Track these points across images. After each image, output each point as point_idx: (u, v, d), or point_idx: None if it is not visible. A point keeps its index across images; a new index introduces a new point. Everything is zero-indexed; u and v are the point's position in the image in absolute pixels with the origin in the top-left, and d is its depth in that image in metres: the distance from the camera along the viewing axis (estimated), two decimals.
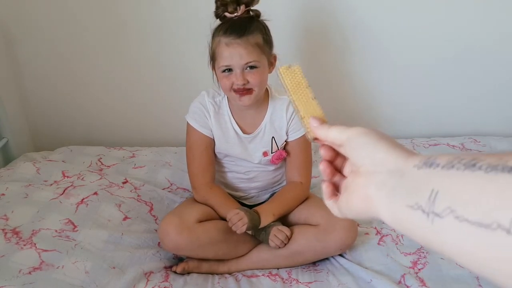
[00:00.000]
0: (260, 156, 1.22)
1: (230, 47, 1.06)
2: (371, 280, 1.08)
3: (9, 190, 1.28)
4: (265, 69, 1.12)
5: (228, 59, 1.07)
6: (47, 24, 1.61)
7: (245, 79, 1.08)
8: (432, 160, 0.33)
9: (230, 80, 1.09)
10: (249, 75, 1.08)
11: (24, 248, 1.07)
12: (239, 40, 1.06)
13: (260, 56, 1.09)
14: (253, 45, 1.07)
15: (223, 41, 1.07)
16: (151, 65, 1.69)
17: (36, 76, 1.70)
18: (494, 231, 0.26)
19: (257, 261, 1.17)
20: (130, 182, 1.43)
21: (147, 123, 1.80)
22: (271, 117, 1.21)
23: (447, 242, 0.30)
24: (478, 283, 1.07)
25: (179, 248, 1.12)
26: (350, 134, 0.44)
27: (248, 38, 1.06)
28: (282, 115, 1.21)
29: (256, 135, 1.21)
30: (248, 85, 1.09)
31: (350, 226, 1.15)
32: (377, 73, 1.72)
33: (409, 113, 1.80)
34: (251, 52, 1.07)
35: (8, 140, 1.59)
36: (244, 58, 1.06)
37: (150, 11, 1.59)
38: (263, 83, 1.13)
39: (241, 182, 1.29)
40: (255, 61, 1.08)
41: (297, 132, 1.21)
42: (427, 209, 0.31)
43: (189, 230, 1.10)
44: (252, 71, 1.09)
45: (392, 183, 0.37)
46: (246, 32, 1.06)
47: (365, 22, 1.62)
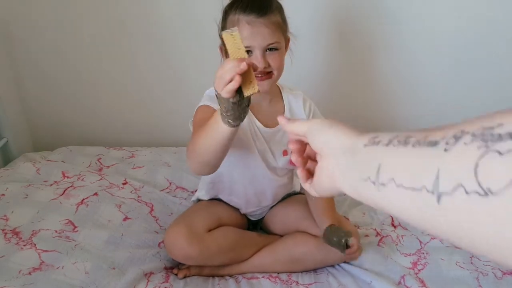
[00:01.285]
0: (280, 155, 1.13)
1: (253, 26, 0.96)
2: (371, 281, 1.08)
3: (9, 190, 1.28)
4: (284, 52, 1.04)
5: (250, 40, 0.96)
6: (47, 24, 1.61)
7: (266, 61, 0.98)
8: (376, 139, 0.41)
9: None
10: (270, 58, 0.99)
11: (24, 248, 1.07)
12: (262, 19, 0.96)
13: (280, 37, 1.01)
14: (275, 24, 0.99)
15: (244, 20, 0.96)
16: (151, 65, 1.69)
17: (36, 76, 1.70)
18: (422, 192, 0.32)
19: (258, 266, 1.16)
20: (130, 183, 1.43)
21: (146, 123, 1.80)
22: (290, 112, 1.13)
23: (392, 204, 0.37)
24: (478, 283, 1.07)
25: (189, 259, 1.08)
26: (309, 124, 0.53)
27: (270, 17, 0.98)
28: (300, 111, 1.14)
29: (278, 130, 1.11)
30: (269, 69, 1.00)
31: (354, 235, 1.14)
32: (377, 73, 1.72)
33: (409, 113, 1.80)
34: (273, 32, 0.98)
35: (8, 140, 1.59)
36: (267, 39, 0.97)
37: (150, 11, 1.59)
38: (282, 67, 1.04)
39: (251, 202, 1.22)
40: (277, 42, 0.99)
41: None
42: (375, 180, 0.38)
43: (200, 241, 1.06)
44: (273, 53, 0.99)
45: (346, 161, 0.45)
46: (268, 10, 0.98)
47: (369, 24, 1.63)
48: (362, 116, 1.79)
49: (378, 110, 1.79)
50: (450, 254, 1.17)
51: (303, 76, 1.62)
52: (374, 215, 1.34)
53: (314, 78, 1.71)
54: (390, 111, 1.80)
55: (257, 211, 1.27)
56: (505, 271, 1.11)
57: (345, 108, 1.78)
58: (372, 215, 1.34)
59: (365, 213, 1.35)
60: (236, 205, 1.25)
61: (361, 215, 1.34)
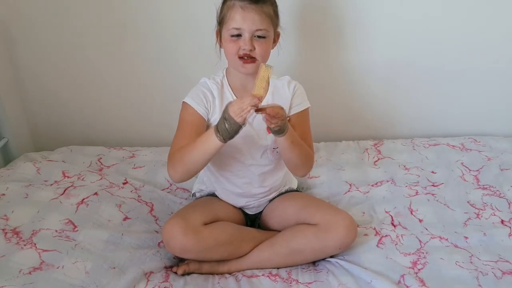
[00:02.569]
0: (265, 132, 1.16)
1: (245, 11, 1.07)
2: (371, 280, 1.08)
3: (9, 190, 1.28)
4: (271, 42, 1.14)
5: (240, 22, 1.08)
6: (47, 24, 1.61)
7: (252, 45, 1.09)
8: None
9: (237, 44, 1.09)
10: (256, 43, 1.10)
11: (24, 248, 1.07)
12: (254, 5, 1.07)
13: (269, 27, 1.11)
14: (266, 14, 1.09)
15: (238, 4, 1.08)
16: (151, 65, 1.69)
17: (36, 76, 1.70)
18: None
19: (257, 261, 1.17)
20: (130, 182, 1.43)
21: (146, 123, 1.80)
22: (273, 94, 1.21)
23: None
24: (477, 283, 1.07)
25: (185, 251, 1.10)
26: None
27: (263, 6, 1.09)
28: (285, 91, 1.22)
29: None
30: (253, 53, 1.10)
31: (350, 225, 1.14)
32: (377, 73, 1.72)
33: (409, 113, 1.80)
34: (263, 20, 1.09)
35: (8, 140, 1.59)
36: (256, 24, 1.08)
37: (150, 12, 1.59)
38: (267, 55, 1.14)
39: (243, 187, 1.26)
40: (265, 29, 1.09)
41: (300, 105, 1.21)
42: None
43: (195, 232, 1.09)
44: (260, 40, 1.10)
45: None
46: (261, 0, 1.08)
47: (366, 20, 1.63)
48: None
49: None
50: (450, 254, 1.17)
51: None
52: (374, 214, 1.34)
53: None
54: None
55: (252, 203, 1.29)
56: (505, 270, 1.11)
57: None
58: (371, 214, 1.34)
59: (364, 212, 1.35)
60: (231, 199, 1.28)
61: (360, 214, 1.34)
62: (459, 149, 1.66)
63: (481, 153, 1.63)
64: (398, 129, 1.82)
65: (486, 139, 1.72)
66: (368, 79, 1.73)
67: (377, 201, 1.40)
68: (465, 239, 1.23)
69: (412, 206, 1.37)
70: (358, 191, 1.46)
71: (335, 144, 1.73)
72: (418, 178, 1.51)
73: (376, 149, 1.68)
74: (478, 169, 1.54)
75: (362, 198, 1.43)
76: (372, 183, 1.49)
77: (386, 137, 1.78)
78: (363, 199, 1.42)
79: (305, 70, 1.68)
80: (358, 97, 1.77)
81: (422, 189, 1.45)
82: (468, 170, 1.54)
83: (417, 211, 1.35)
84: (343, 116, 1.80)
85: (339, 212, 1.18)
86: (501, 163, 1.56)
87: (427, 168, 1.56)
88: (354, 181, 1.51)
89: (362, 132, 1.82)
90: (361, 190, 1.46)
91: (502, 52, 1.68)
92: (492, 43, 1.66)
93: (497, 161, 1.57)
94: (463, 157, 1.60)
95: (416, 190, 1.45)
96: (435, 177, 1.51)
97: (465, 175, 1.51)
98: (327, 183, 1.50)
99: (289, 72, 1.64)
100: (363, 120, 1.81)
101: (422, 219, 1.32)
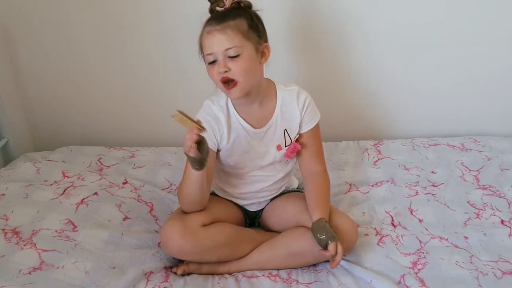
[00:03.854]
0: (275, 151, 1.20)
1: (210, 35, 1.05)
2: (371, 280, 1.08)
3: (9, 190, 1.28)
4: (250, 58, 1.07)
5: (209, 47, 1.05)
6: (47, 24, 1.61)
7: (226, 66, 1.04)
8: None
9: (216, 70, 1.06)
10: (231, 63, 1.05)
11: (24, 248, 1.07)
12: (218, 26, 1.04)
13: (242, 43, 1.05)
14: (233, 30, 1.04)
15: (205, 31, 1.06)
16: (151, 65, 1.69)
17: (36, 76, 1.70)
18: None
19: (257, 262, 1.17)
20: (130, 182, 1.43)
21: (147, 123, 1.80)
22: (282, 109, 1.19)
23: None
24: (478, 283, 1.07)
25: (183, 252, 1.10)
26: None
27: (229, 24, 1.04)
28: (293, 106, 1.19)
29: (268, 129, 1.18)
30: (230, 74, 1.05)
31: (351, 230, 1.14)
32: (377, 73, 1.72)
33: (409, 113, 1.80)
34: (230, 37, 1.03)
35: (8, 140, 1.59)
36: (224, 44, 1.03)
37: (150, 12, 1.59)
38: (250, 73, 1.07)
39: (246, 193, 1.27)
40: (236, 47, 1.04)
41: (312, 121, 1.21)
42: None
43: (193, 234, 1.08)
44: (234, 59, 1.05)
45: None
46: (226, 18, 1.04)
47: (365, 20, 1.63)
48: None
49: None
50: (450, 254, 1.17)
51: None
52: (374, 214, 1.34)
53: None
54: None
55: (255, 201, 1.30)
56: (505, 270, 1.11)
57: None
58: (371, 214, 1.34)
59: (364, 212, 1.35)
60: (233, 199, 1.29)
61: (360, 214, 1.34)
62: (459, 149, 1.66)
63: (481, 153, 1.63)
64: (398, 129, 1.82)
65: (486, 139, 1.72)
66: (368, 79, 1.73)
67: (377, 201, 1.40)
68: (465, 239, 1.23)
69: (412, 206, 1.37)
70: (358, 191, 1.46)
71: (335, 144, 1.73)
72: (418, 178, 1.51)
73: (376, 149, 1.68)
74: (478, 169, 1.54)
75: (362, 198, 1.43)
76: (372, 183, 1.49)
77: (386, 137, 1.78)
78: (363, 199, 1.42)
79: (305, 71, 1.69)
80: (358, 97, 1.77)
81: (422, 189, 1.45)
82: (468, 170, 1.54)
83: (417, 211, 1.35)
84: (343, 116, 1.80)
85: (341, 216, 1.17)
86: (501, 163, 1.56)
87: (427, 168, 1.56)
88: (354, 181, 1.51)
89: (362, 132, 1.82)
90: (361, 190, 1.46)
91: (502, 52, 1.68)
92: (492, 43, 1.66)
93: (497, 161, 1.57)
94: (463, 157, 1.60)
95: (416, 190, 1.45)
96: (435, 177, 1.51)
97: (465, 175, 1.51)
98: None
99: (290, 73, 1.64)
100: (363, 120, 1.81)
101: (422, 219, 1.32)
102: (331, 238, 1.06)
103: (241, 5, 1.09)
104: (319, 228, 1.08)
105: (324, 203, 1.17)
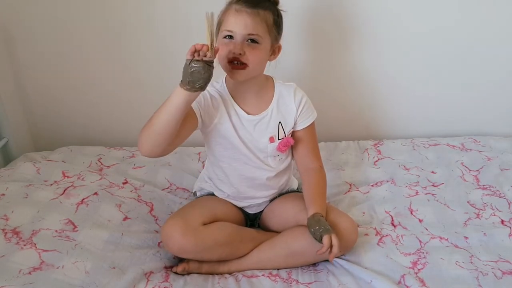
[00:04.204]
0: (267, 142, 1.20)
1: (239, 14, 1.05)
2: (371, 280, 1.08)
3: (9, 190, 1.28)
4: (266, 50, 1.09)
5: (233, 24, 1.05)
6: (47, 24, 1.61)
7: (242, 49, 1.05)
8: None
9: (228, 47, 1.05)
10: (248, 48, 1.05)
11: (24, 248, 1.07)
12: (250, 10, 1.05)
13: (265, 34, 1.07)
14: (261, 19, 1.06)
15: (234, 7, 1.06)
16: (151, 65, 1.69)
17: (36, 76, 1.70)
18: None
19: (257, 261, 1.17)
20: (130, 182, 1.43)
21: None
22: (278, 101, 1.20)
23: None
24: (478, 283, 1.07)
25: (184, 251, 1.10)
26: None
27: (259, 12, 1.06)
28: (290, 100, 1.20)
29: (262, 118, 1.19)
30: (243, 58, 1.05)
31: (351, 229, 1.14)
32: (377, 73, 1.72)
33: (409, 113, 1.80)
34: (257, 24, 1.05)
35: (8, 140, 1.59)
36: (249, 28, 1.04)
37: (149, 12, 1.59)
38: (260, 64, 1.10)
39: (247, 191, 1.27)
40: (258, 35, 1.05)
41: (308, 119, 1.22)
42: None
43: (194, 232, 1.09)
44: (252, 45, 1.06)
45: None
46: (258, 6, 1.06)
47: (366, 21, 1.63)
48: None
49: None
50: (450, 254, 1.17)
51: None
52: (374, 214, 1.34)
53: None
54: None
55: (254, 203, 1.29)
56: (505, 270, 1.11)
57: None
58: (371, 214, 1.34)
59: (364, 212, 1.35)
60: (232, 200, 1.29)
61: (360, 214, 1.34)
62: (459, 149, 1.66)
63: (481, 153, 1.63)
64: (398, 129, 1.82)
65: (486, 139, 1.72)
66: (368, 79, 1.73)
67: (377, 201, 1.40)
68: (465, 239, 1.23)
69: (412, 206, 1.37)
70: (358, 191, 1.46)
71: (335, 144, 1.73)
72: (418, 178, 1.51)
73: (376, 149, 1.68)
74: (478, 169, 1.54)
75: (362, 198, 1.43)
76: (372, 183, 1.49)
77: (386, 137, 1.78)
78: (363, 199, 1.42)
79: (306, 71, 1.69)
80: (358, 97, 1.77)
81: (422, 189, 1.45)
82: (468, 170, 1.54)
83: (417, 211, 1.35)
84: (343, 116, 1.80)
85: (340, 215, 1.18)
86: (501, 163, 1.56)
87: (427, 168, 1.56)
88: (354, 181, 1.51)
89: (362, 132, 1.82)
90: (361, 190, 1.46)
91: (502, 52, 1.68)
92: (491, 43, 1.66)
93: (497, 161, 1.57)
94: (463, 157, 1.60)
95: (416, 190, 1.45)
96: (435, 177, 1.51)
97: (465, 175, 1.51)
98: (327, 183, 1.49)
99: (290, 73, 1.64)
100: (363, 120, 1.81)
101: (422, 219, 1.32)
102: (325, 231, 1.06)
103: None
104: (313, 222, 1.09)
105: (320, 198, 1.17)
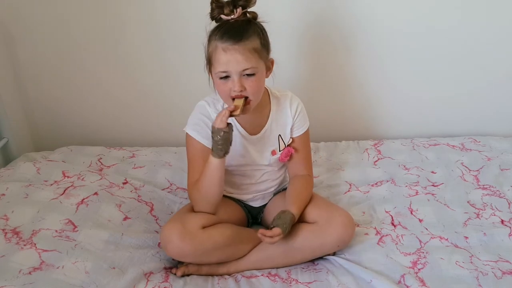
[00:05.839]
0: (269, 156, 1.23)
1: (227, 53, 1.03)
2: (371, 280, 1.08)
3: (9, 190, 1.28)
4: (262, 75, 1.10)
5: (225, 65, 1.04)
6: (47, 24, 1.61)
7: (242, 85, 1.05)
8: None
9: (227, 86, 1.06)
10: (246, 82, 1.06)
11: (24, 248, 1.07)
12: (236, 45, 1.02)
13: (258, 62, 1.06)
14: (250, 51, 1.04)
15: (220, 46, 1.04)
16: (150, 66, 1.69)
17: (36, 76, 1.70)
18: None
19: (255, 261, 1.17)
20: (130, 182, 1.43)
21: (147, 123, 1.80)
22: (276, 115, 1.21)
23: None
24: (478, 283, 1.07)
25: (183, 255, 1.10)
26: None
27: (246, 44, 1.03)
28: (286, 111, 1.22)
29: (263, 135, 1.21)
30: (245, 93, 1.06)
31: (347, 223, 1.15)
32: (377, 73, 1.72)
33: (409, 113, 1.80)
34: (248, 58, 1.04)
35: (8, 140, 1.59)
36: (242, 65, 1.03)
37: (150, 12, 1.59)
38: (260, 91, 1.11)
39: (249, 186, 1.29)
40: (253, 67, 1.05)
41: (302, 127, 1.24)
42: None
43: (193, 237, 1.08)
44: (250, 78, 1.06)
45: None
46: (243, 37, 1.03)
47: (365, 23, 1.63)
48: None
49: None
50: (450, 254, 1.17)
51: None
52: (374, 214, 1.34)
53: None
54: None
55: (258, 195, 1.31)
56: (505, 270, 1.11)
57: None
58: (371, 214, 1.34)
59: (364, 212, 1.35)
60: (237, 195, 1.31)
61: (360, 214, 1.34)
62: (459, 149, 1.66)
63: (481, 153, 1.63)
64: (398, 129, 1.82)
65: (486, 139, 1.72)
66: (368, 79, 1.73)
67: (377, 201, 1.40)
68: (465, 239, 1.23)
69: (412, 206, 1.37)
70: (358, 191, 1.46)
71: (335, 144, 1.73)
72: (418, 178, 1.51)
73: (376, 149, 1.68)
74: (478, 169, 1.54)
75: (362, 198, 1.43)
76: (372, 183, 1.49)
77: (386, 137, 1.78)
78: (363, 199, 1.42)
79: (306, 71, 1.69)
80: (358, 97, 1.77)
81: (422, 189, 1.45)
82: (468, 170, 1.54)
83: (417, 211, 1.35)
84: (343, 116, 1.80)
85: (336, 209, 1.19)
86: (501, 163, 1.56)
87: (427, 168, 1.56)
88: (354, 181, 1.51)
89: (362, 132, 1.82)
90: (361, 190, 1.46)
91: (502, 53, 1.68)
92: (491, 43, 1.66)
93: (497, 161, 1.57)
94: (463, 157, 1.60)
95: (416, 190, 1.45)
96: (435, 177, 1.51)
97: (465, 175, 1.51)
98: (327, 183, 1.50)
99: (291, 73, 1.65)
100: (363, 120, 1.81)
101: (422, 219, 1.32)
102: (281, 225, 1.09)
103: (247, 15, 1.08)
104: (282, 216, 1.11)
105: (300, 202, 1.18)
